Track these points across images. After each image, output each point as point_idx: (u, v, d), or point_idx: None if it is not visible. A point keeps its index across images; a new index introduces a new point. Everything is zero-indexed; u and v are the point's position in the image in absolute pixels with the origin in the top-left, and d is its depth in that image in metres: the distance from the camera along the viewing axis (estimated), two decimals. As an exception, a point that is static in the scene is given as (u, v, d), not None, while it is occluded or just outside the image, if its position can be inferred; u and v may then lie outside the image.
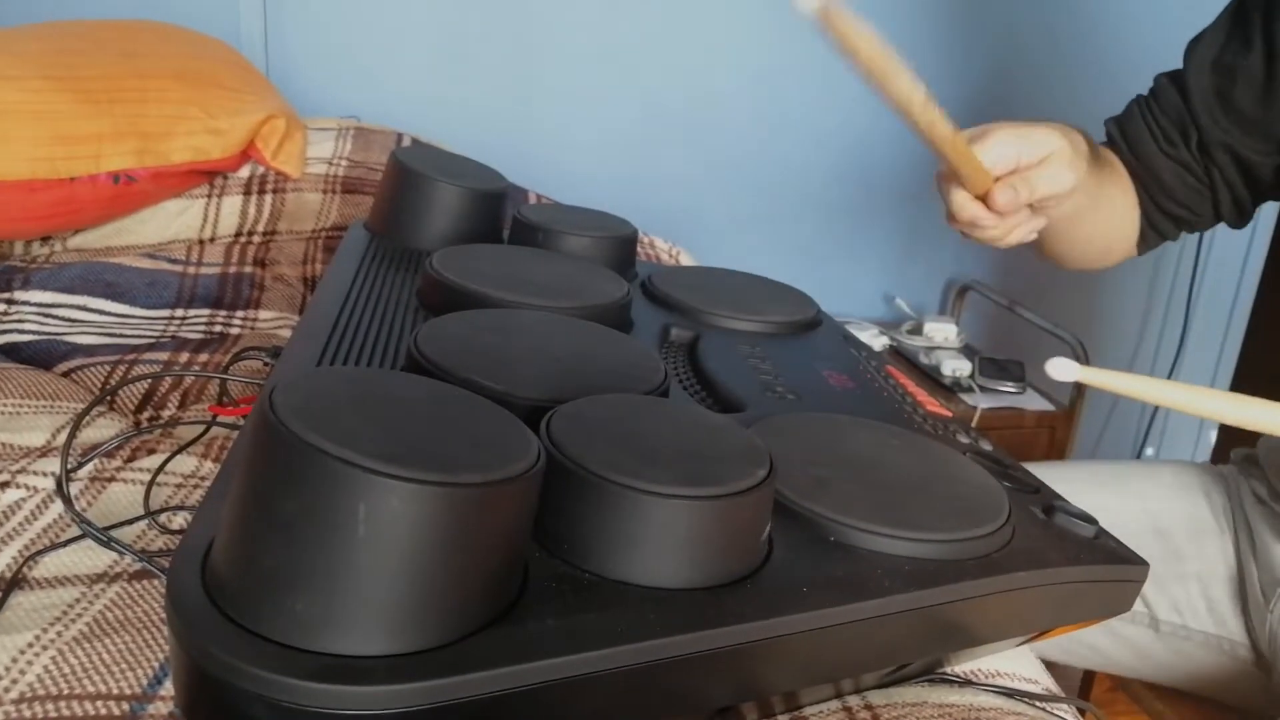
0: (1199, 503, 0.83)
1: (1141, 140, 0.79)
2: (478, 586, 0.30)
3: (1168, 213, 0.80)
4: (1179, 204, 0.79)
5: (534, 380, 0.42)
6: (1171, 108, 0.78)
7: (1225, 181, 0.77)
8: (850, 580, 0.37)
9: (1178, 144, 0.77)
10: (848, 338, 0.69)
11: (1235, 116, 0.75)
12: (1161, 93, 0.79)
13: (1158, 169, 0.78)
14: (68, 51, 0.91)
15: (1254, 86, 0.74)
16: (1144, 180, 0.80)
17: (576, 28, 1.47)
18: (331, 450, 0.27)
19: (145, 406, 0.64)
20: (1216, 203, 0.79)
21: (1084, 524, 0.46)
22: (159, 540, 0.47)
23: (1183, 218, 0.80)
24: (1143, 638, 0.82)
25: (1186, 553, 0.81)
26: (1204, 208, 0.80)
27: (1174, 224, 0.81)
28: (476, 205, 0.72)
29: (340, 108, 1.32)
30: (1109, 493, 0.84)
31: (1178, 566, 0.81)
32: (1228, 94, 0.75)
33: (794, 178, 1.66)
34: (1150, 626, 0.82)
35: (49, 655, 0.38)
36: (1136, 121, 0.79)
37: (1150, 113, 0.79)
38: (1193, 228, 0.82)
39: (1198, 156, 0.77)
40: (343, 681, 0.27)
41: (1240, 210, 0.80)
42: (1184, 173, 0.78)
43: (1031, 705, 0.44)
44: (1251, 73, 0.74)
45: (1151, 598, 0.81)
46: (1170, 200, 0.79)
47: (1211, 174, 0.77)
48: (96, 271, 0.83)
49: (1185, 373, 1.90)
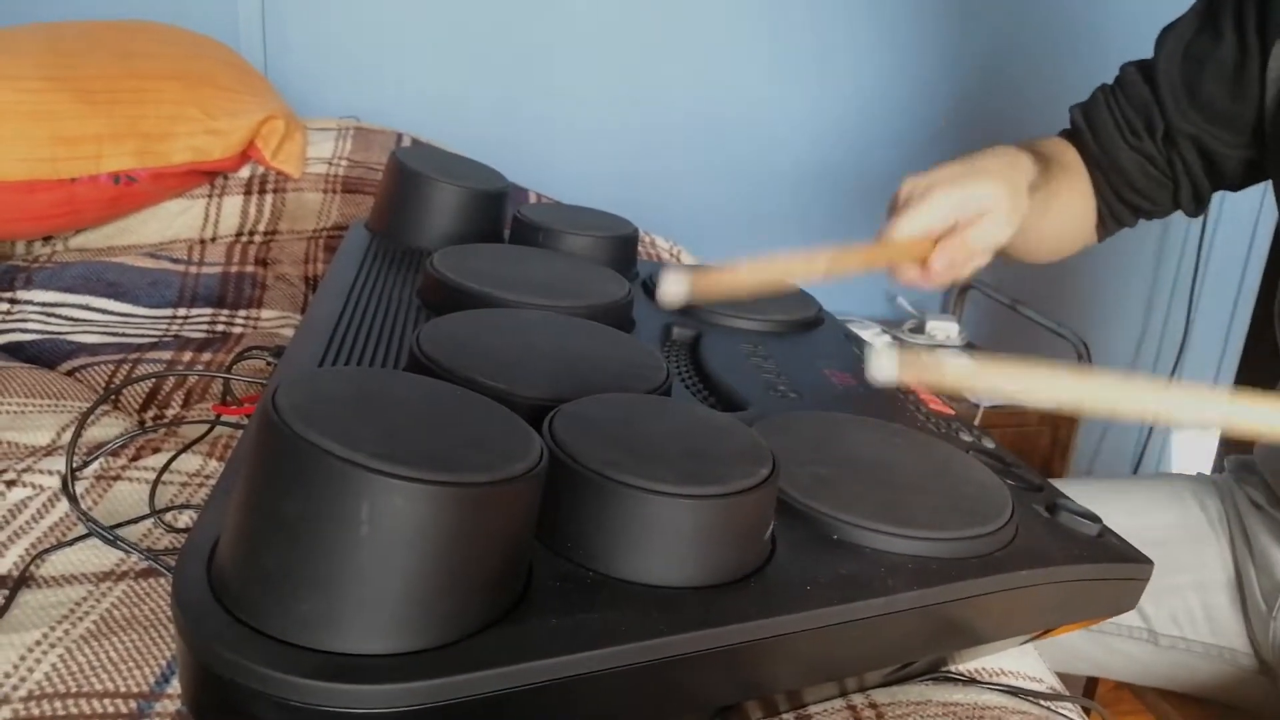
0: (1194, 512, 0.83)
1: (1105, 130, 0.78)
2: (481, 585, 0.30)
3: (1127, 201, 0.80)
4: (1139, 194, 0.79)
5: (536, 380, 0.42)
6: (1137, 98, 0.77)
7: (1187, 172, 0.77)
8: (853, 579, 0.37)
9: (1142, 135, 0.77)
10: (849, 336, 0.69)
11: (1204, 107, 0.74)
12: (1128, 82, 0.78)
13: (1120, 159, 0.78)
14: (67, 52, 0.91)
15: (1224, 78, 0.73)
16: (1105, 169, 0.79)
17: (577, 27, 1.47)
18: (334, 450, 0.27)
19: (149, 405, 0.64)
20: (1176, 193, 0.79)
21: (1087, 522, 0.46)
22: (165, 539, 0.47)
23: (1141, 207, 0.80)
24: (1142, 653, 0.82)
25: (1184, 563, 0.81)
26: (1163, 198, 0.80)
27: (1132, 212, 0.81)
28: (477, 205, 0.72)
29: (340, 108, 1.32)
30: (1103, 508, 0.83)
31: (1175, 578, 0.80)
32: (1196, 84, 0.74)
33: (794, 176, 1.66)
34: (1149, 641, 0.81)
35: (56, 653, 0.38)
36: (1101, 110, 0.79)
37: (1116, 102, 0.78)
38: (1150, 216, 0.82)
39: (1162, 148, 0.77)
40: (347, 680, 0.27)
41: (1198, 200, 0.80)
42: (1146, 164, 0.78)
43: (1036, 704, 0.44)
44: (1222, 63, 0.73)
45: (1150, 611, 0.81)
46: (1130, 190, 0.79)
47: (1174, 165, 0.77)
48: (98, 271, 0.84)
49: (1188, 370, 1.90)
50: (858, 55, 1.62)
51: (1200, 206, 0.80)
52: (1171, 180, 0.78)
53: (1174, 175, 0.78)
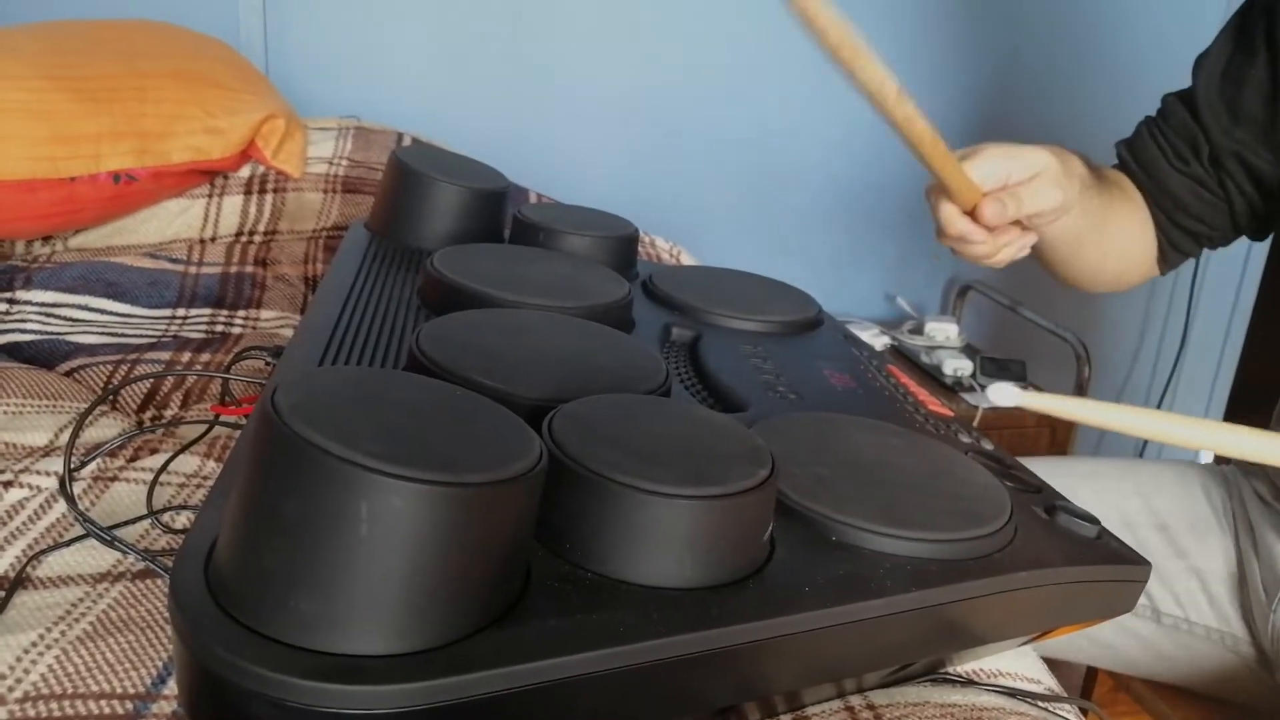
0: (1200, 500, 0.83)
1: (1152, 159, 0.79)
2: (480, 586, 0.30)
3: (1185, 229, 0.81)
4: (1195, 219, 0.80)
5: (536, 380, 0.42)
6: (1180, 124, 0.79)
7: (1240, 191, 0.78)
8: (852, 580, 0.37)
9: (1189, 159, 0.78)
10: (849, 337, 0.69)
11: (1245, 124, 0.76)
12: (1169, 111, 0.80)
13: (1171, 186, 0.79)
14: (67, 51, 0.91)
15: (1261, 93, 0.75)
16: (1158, 199, 0.80)
17: (578, 27, 1.47)
18: (334, 450, 0.27)
19: (148, 406, 0.64)
20: (1233, 214, 0.80)
21: (1086, 524, 0.46)
22: (162, 540, 0.47)
23: (1201, 233, 0.81)
24: (1145, 629, 0.82)
25: (1188, 549, 0.81)
26: (1221, 220, 0.80)
27: (1193, 240, 0.82)
28: (477, 205, 0.72)
29: (340, 107, 1.32)
30: (1111, 488, 0.84)
31: (1179, 561, 0.81)
32: (1236, 101, 0.76)
33: (795, 177, 1.66)
34: (1153, 619, 0.82)
35: (53, 654, 0.38)
36: (1146, 141, 0.80)
37: (1159, 131, 0.80)
38: (1213, 243, 0.83)
39: (1210, 170, 0.78)
40: (345, 681, 0.27)
41: (1258, 221, 0.80)
42: (1198, 187, 0.79)
43: (1034, 705, 0.44)
44: (1259, 79, 0.74)
45: (1154, 591, 0.81)
46: (1186, 216, 0.80)
47: (1225, 185, 0.78)
48: (98, 271, 0.83)
49: (1186, 373, 1.90)
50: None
51: (1263, 229, 0.81)
52: (1225, 201, 0.79)
53: (1227, 196, 0.78)
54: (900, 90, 0.53)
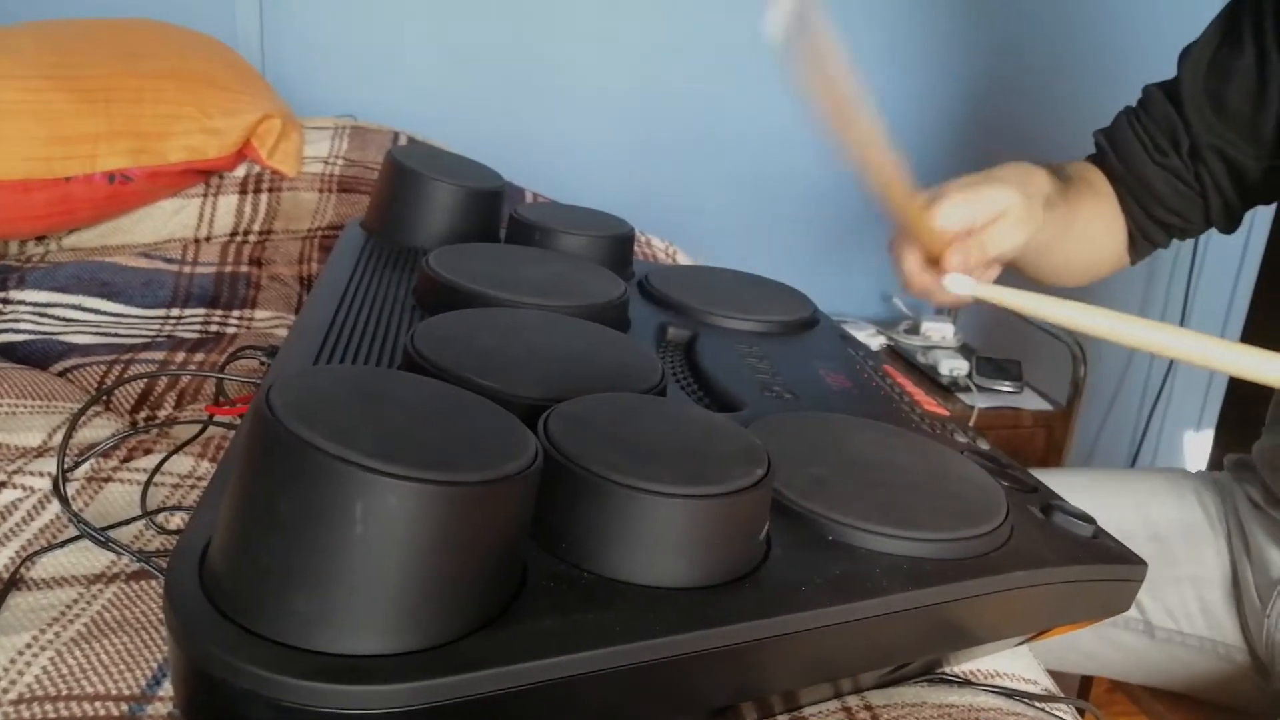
0: (1193, 508, 0.83)
1: (1131, 150, 0.79)
2: (475, 585, 0.30)
3: (1158, 220, 0.81)
4: (1170, 211, 0.80)
5: (531, 379, 0.42)
6: (1161, 116, 0.78)
7: (1216, 186, 0.78)
8: (848, 579, 0.37)
9: (1168, 152, 0.78)
10: (845, 337, 0.69)
11: (1228, 117, 0.75)
12: (1151, 102, 0.79)
13: (1148, 177, 0.79)
14: (64, 51, 0.91)
15: (1247, 88, 0.74)
16: (1134, 191, 0.80)
17: (575, 27, 1.47)
18: (329, 448, 0.27)
19: (142, 406, 0.64)
20: (1207, 208, 0.79)
21: (1082, 523, 0.46)
22: (156, 540, 0.47)
23: (1174, 225, 0.81)
24: (1138, 644, 0.82)
25: (1181, 557, 0.81)
26: (1195, 214, 0.80)
27: (1164, 231, 0.81)
28: (473, 204, 0.72)
29: (336, 107, 1.32)
30: (1104, 498, 0.84)
31: (1172, 571, 0.81)
32: (1221, 94, 0.75)
33: (790, 177, 1.66)
34: (1145, 633, 0.82)
35: (47, 656, 0.38)
36: (1125, 132, 0.80)
37: (1139, 122, 0.79)
38: (1184, 234, 0.82)
39: (1188, 163, 0.77)
40: (341, 681, 0.27)
41: (1230, 215, 0.80)
42: (1174, 180, 0.78)
43: (1030, 705, 0.44)
44: (1244, 72, 0.74)
45: (1146, 603, 0.81)
46: (1161, 208, 0.80)
47: (1202, 179, 0.78)
48: (92, 271, 0.83)
49: (1182, 370, 1.91)
50: (860, 62, 1.62)
51: (1233, 223, 0.81)
52: (1201, 195, 0.79)
53: (1203, 190, 0.78)
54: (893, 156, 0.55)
